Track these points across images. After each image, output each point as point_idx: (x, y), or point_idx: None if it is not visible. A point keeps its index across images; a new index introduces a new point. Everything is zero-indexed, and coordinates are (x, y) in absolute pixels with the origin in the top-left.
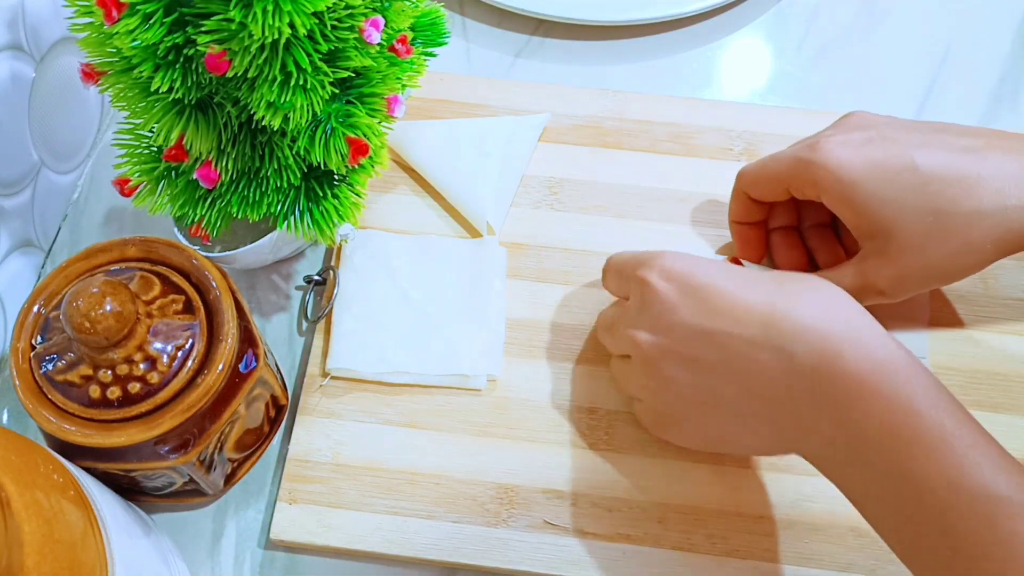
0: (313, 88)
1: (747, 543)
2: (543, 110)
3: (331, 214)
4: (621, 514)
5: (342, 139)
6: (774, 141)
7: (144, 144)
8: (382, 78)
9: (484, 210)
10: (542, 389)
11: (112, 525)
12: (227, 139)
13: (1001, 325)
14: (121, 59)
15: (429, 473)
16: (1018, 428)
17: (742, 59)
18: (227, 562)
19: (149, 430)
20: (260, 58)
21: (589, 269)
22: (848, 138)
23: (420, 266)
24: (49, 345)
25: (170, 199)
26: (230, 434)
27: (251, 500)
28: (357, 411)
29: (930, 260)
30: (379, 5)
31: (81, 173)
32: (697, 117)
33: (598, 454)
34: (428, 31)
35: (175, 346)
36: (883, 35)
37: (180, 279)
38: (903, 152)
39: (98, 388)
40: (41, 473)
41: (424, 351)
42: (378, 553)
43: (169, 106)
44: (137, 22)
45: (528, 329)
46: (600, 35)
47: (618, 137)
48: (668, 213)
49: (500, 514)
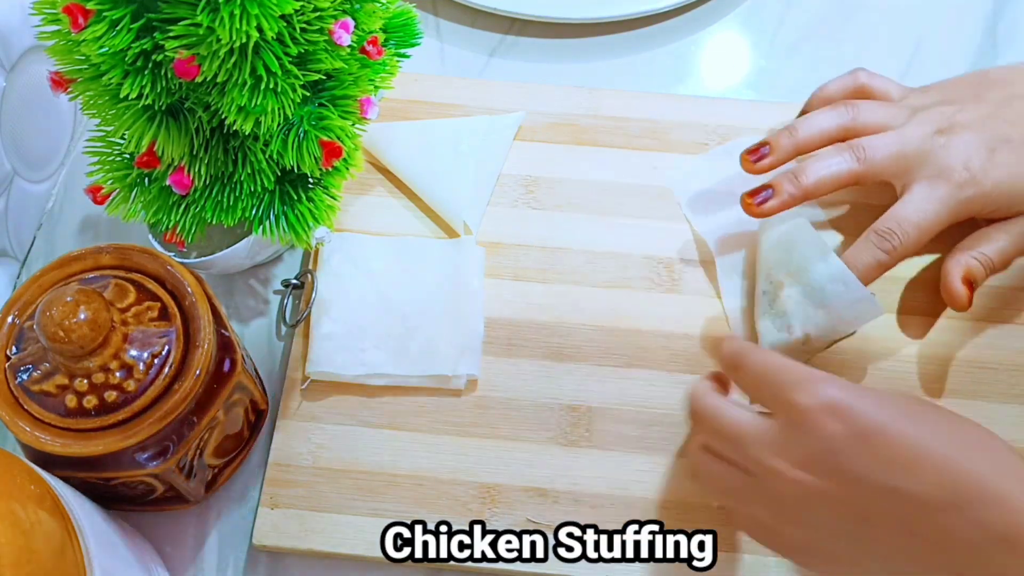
0: (284, 91)
1: (730, 537)
2: (518, 109)
3: (306, 217)
4: (604, 510)
5: (315, 142)
6: (750, 135)
7: (116, 151)
8: (354, 80)
9: (461, 210)
10: (522, 387)
11: (91, 535)
12: (199, 144)
13: (976, 313)
14: (90, 66)
15: (410, 474)
16: (992, 415)
17: (716, 54)
18: (210, 568)
19: (127, 438)
20: (229, 62)
21: (567, 267)
22: (977, 154)
23: (398, 267)
24: (24, 355)
25: (144, 206)
26: (209, 440)
27: (233, 505)
28: (337, 414)
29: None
30: (349, 7)
31: (55, 182)
32: (672, 112)
33: (580, 451)
34: (400, 32)
35: (151, 353)
36: (855, 28)
37: (155, 286)
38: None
39: (74, 397)
40: (18, 484)
41: (403, 352)
42: (361, 556)
43: (140, 112)
44: (104, 28)
45: (507, 328)
46: (574, 32)
47: (594, 134)
48: (645, 209)
49: (483, 513)
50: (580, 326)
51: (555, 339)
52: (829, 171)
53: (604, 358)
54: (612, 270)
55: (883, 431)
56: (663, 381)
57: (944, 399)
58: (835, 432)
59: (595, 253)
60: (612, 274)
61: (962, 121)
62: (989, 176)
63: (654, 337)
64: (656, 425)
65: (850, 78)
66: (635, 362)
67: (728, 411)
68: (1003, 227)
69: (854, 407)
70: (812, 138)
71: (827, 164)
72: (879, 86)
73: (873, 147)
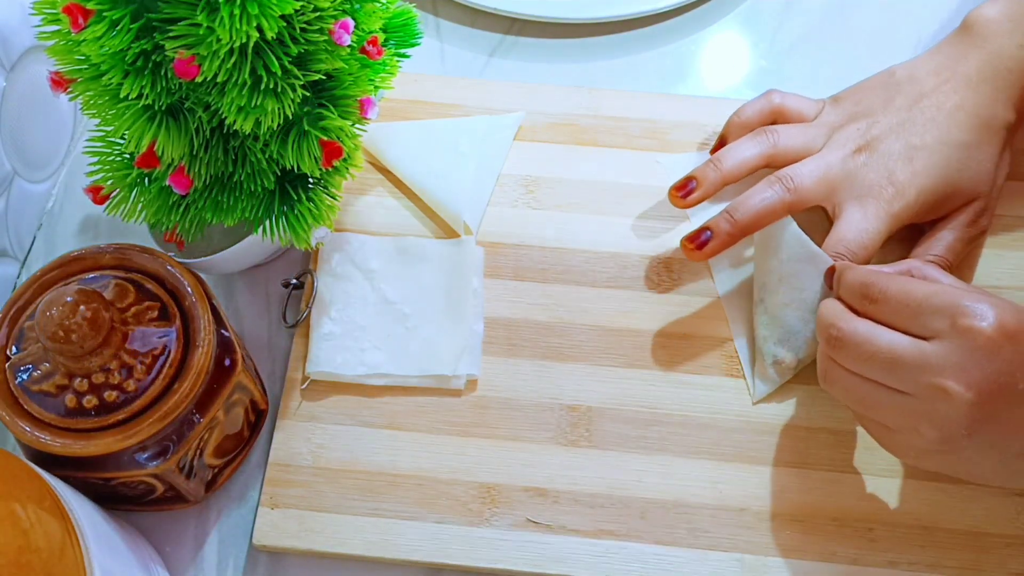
0: (284, 92)
1: (729, 536)
2: (518, 109)
3: (306, 217)
4: (603, 510)
5: (315, 142)
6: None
7: (116, 151)
8: (354, 80)
9: (460, 210)
10: (522, 387)
11: (91, 535)
12: (199, 144)
13: None
14: (90, 66)
15: (410, 474)
16: None
17: (716, 54)
18: (210, 568)
19: (127, 438)
20: (229, 62)
21: (566, 267)
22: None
23: (398, 267)
24: (24, 355)
25: (143, 206)
26: (209, 440)
27: (234, 505)
28: (337, 414)
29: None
30: (349, 7)
31: (55, 182)
32: (672, 112)
33: (579, 450)
34: (400, 32)
35: (151, 353)
36: (855, 28)
37: (155, 286)
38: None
39: (74, 397)
40: (17, 484)
41: (403, 352)
42: (361, 556)
43: (139, 112)
44: (104, 29)
45: (507, 328)
46: (574, 32)
47: (593, 134)
48: (645, 209)
49: (483, 513)
50: (580, 326)
51: (555, 339)
52: (763, 205)
53: (604, 358)
54: (612, 270)
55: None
56: (663, 381)
57: None
58: (1012, 356)
59: (595, 253)
60: (612, 274)
61: (877, 135)
62: (913, 185)
63: (654, 337)
64: (656, 425)
65: (765, 100)
66: (635, 362)
67: (882, 335)
68: (945, 225)
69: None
70: (736, 168)
71: (760, 199)
72: (793, 106)
73: (800, 175)
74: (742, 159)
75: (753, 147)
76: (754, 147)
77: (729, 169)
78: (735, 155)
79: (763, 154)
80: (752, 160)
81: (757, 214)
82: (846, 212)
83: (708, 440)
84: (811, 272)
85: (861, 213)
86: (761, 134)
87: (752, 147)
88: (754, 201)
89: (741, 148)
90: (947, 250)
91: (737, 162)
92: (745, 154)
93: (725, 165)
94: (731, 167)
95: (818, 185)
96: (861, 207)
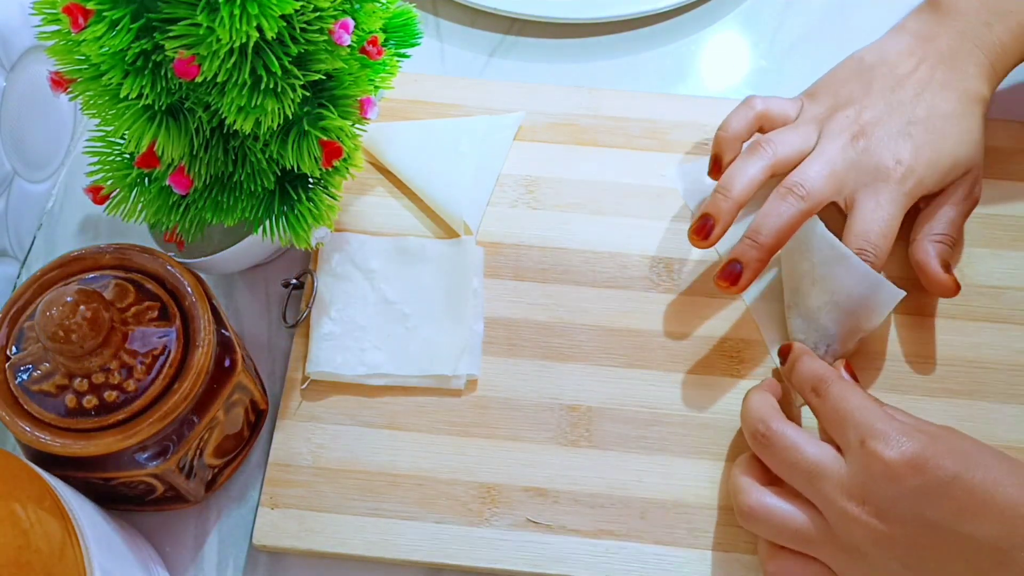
0: (284, 92)
1: (729, 536)
2: (518, 109)
3: (306, 217)
4: (603, 510)
5: (315, 142)
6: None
7: (116, 151)
8: (354, 80)
9: (460, 210)
10: (522, 387)
11: (91, 535)
12: (199, 144)
13: (974, 313)
14: (90, 66)
15: (410, 474)
16: (991, 415)
17: (716, 54)
18: (210, 568)
19: (127, 438)
20: (229, 62)
21: (566, 266)
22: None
23: (397, 267)
24: (24, 355)
25: (143, 206)
26: (209, 440)
27: (234, 505)
28: (337, 414)
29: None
30: (349, 7)
31: (55, 182)
32: (672, 112)
33: (579, 451)
34: (400, 32)
35: (151, 353)
36: (855, 28)
37: (155, 286)
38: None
39: (74, 397)
40: (17, 484)
41: (403, 352)
42: (361, 556)
43: (139, 112)
44: (104, 28)
45: (507, 328)
46: (574, 32)
47: (593, 134)
48: (645, 209)
49: (483, 513)
50: (580, 326)
51: (555, 339)
52: (782, 221)
53: (604, 358)
54: (612, 270)
55: (958, 481)
56: (663, 381)
57: (944, 399)
58: (914, 485)
59: (595, 253)
60: (612, 274)
61: (869, 120)
62: (920, 160)
63: (654, 337)
64: (656, 425)
65: (747, 108)
66: (635, 362)
67: (807, 446)
68: (944, 201)
69: (930, 461)
70: (745, 191)
71: (777, 215)
72: (776, 108)
73: (808, 180)
74: (748, 179)
75: (755, 163)
76: (756, 163)
77: (739, 194)
78: (740, 177)
79: (766, 167)
80: (758, 177)
81: (779, 231)
82: (859, 203)
83: (708, 440)
84: (841, 273)
85: (874, 201)
86: (758, 147)
87: (754, 164)
88: (772, 219)
89: (744, 168)
90: (950, 226)
91: (744, 184)
92: (750, 172)
93: (734, 191)
94: (740, 191)
95: (827, 184)
96: (873, 195)
